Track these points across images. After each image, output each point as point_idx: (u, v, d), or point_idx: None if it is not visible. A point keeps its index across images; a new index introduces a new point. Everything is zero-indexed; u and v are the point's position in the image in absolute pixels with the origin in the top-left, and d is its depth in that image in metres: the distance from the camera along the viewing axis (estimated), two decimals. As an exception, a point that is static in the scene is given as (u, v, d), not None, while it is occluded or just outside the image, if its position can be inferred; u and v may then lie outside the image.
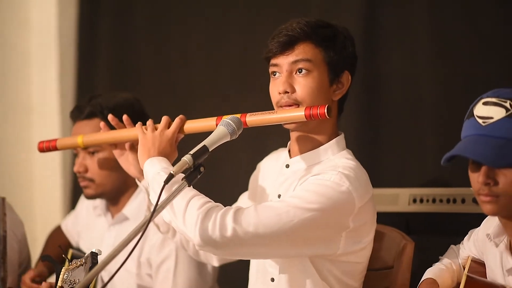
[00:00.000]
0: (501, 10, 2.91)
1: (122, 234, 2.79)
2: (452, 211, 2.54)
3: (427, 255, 2.42)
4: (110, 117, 2.49)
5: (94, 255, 2.07)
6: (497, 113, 1.91)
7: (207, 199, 2.18)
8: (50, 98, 4.07)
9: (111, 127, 2.52)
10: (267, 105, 2.35)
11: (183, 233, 2.18)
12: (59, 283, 2.14)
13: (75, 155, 2.86)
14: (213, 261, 2.59)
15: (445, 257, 2.29)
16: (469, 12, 2.98)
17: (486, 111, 1.93)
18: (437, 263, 2.27)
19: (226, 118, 2.19)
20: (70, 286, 2.10)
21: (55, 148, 2.63)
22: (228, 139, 2.17)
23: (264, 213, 2.15)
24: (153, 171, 2.25)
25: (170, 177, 2.02)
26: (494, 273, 2.05)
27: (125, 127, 2.49)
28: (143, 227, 1.95)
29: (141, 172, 2.44)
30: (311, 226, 2.15)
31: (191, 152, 2.07)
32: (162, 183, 2.14)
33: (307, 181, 2.23)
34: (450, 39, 3.02)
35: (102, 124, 2.53)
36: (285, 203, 2.17)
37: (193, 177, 2.07)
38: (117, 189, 2.82)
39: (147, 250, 2.71)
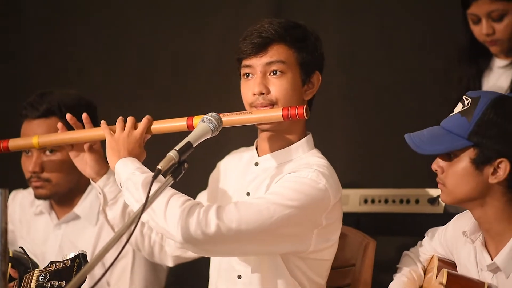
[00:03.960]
0: (416, 37, 3.06)
1: (70, 234, 2.72)
2: (406, 211, 2.63)
3: (382, 255, 2.49)
4: (68, 116, 2.37)
5: (83, 256, 1.98)
6: (457, 108, 2.05)
7: (187, 197, 2.15)
8: None
9: (68, 127, 2.42)
10: (204, 107, 2.33)
11: (163, 231, 2.12)
12: (33, 285, 2.03)
13: (25, 152, 2.70)
14: (168, 261, 2.53)
15: (403, 266, 2.31)
16: (383, 37, 3.10)
17: (457, 106, 2.06)
18: (397, 274, 2.27)
19: (207, 115, 2.16)
20: None
21: (6, 149, 2.42)
22: (209, 135, 2.14)
23: (245, 210, 2.15)
24: (127, 171, 2.20)
25: (158, 172, 1.97)
26: (468, 270, 2.11)
27: (82, 127, 2.40)
28: (134, 223, 1.89)
29: (97, 173, 2.40)
30: (290, 223, 2.17)
31: (176, 148, 2.02)
32: (139, 182, 2.16)
33: (284, 179, 2.24)
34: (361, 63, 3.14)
35: (60, 124, 2.41)
36: (265, 199, 2.18)
37: (178, 173, 2.03)
38: (70, 190, 2.73)
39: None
